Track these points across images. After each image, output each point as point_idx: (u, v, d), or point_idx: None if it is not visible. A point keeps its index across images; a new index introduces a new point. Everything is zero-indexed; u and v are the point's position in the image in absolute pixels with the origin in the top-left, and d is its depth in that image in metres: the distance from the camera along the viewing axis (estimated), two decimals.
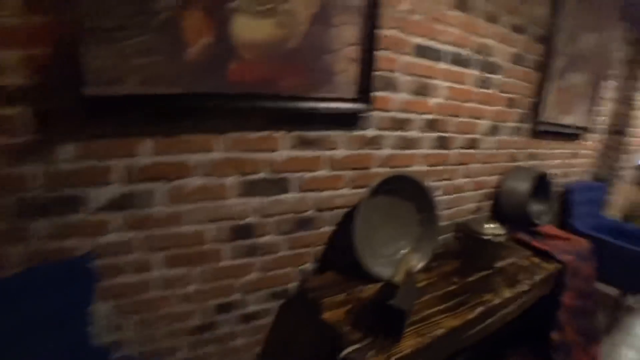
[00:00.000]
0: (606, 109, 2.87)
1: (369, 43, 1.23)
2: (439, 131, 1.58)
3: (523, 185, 1.91)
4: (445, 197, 1.73)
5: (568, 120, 2.38)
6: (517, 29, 1.81)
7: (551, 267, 1.73)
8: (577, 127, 2.53)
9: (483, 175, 1.91)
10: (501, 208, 2.03)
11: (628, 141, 2.88)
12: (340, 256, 1.37)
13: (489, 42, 1.67)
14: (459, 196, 1.81)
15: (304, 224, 1.30)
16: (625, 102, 2.84)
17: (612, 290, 2.67)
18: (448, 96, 1.56)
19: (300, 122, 1.19)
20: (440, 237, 1.76)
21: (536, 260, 1.77)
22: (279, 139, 1.17)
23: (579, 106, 2.46)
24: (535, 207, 2.14)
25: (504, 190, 1.99)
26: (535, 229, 2.02)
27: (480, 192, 1.94)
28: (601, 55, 2.51)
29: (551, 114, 2.17)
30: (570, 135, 2.52)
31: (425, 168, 1.58)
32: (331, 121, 1.24)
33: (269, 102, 1.10)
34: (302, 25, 1.12)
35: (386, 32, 1.28)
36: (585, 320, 1.95)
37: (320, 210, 1.32)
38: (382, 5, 1.22)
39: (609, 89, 2.81)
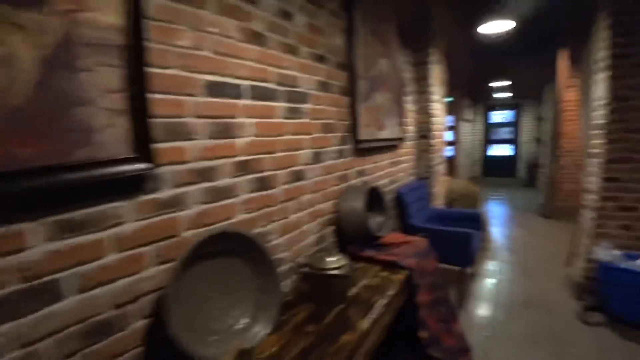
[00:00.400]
0: (412, 119, 3.32)
1: (140, 87, 1.00)
2: (255, 172, 1.45)
3: (358, 204, 1.95)
4: (281, 238, 1.61)
5: (384, 134, 2.62)
6: (319, 59, 1.86)
7: (400, 276, 1.79)
8: (393, 139, 2.82)
9: (317, 204, 1.87)
10: (344, 230, 2.04)
11: (433, 143, 3.38)
12: (168, 350, 1.07)
13: (292, 72, 1.66)
14: (297, 233, 1.72)
15: (100, 331, 0.96)
16: (423, 112, 3.33)
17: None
18: (258, 133, 1.45)
19: (57, 202, 0.87)
20: (287, 281, 1.63)
21: (385, 274, 1.80)
22: (27, 232, 0.82)
23: (390, 121, 2.74)
24: (375, 220, 2.23)
25: (342, 212, 2.00)
26: (379, 242, 2.09)
27: (319, 221, 1.90)
28: (396, 76, 2.88)
29: (368, 132, 2.33)
30: (389, 147, 2.79)
31: (249, 215, 1.42)
32: (105, 191, 0.96)
33: None
34: (30, 74, 0.82)
35: (164, 72, 1.08)
36: (441, 308, 2.08)
37: (120, 306, 1.00)
38: (152, 40, 1.02)
39: (409, 103, 3.27)
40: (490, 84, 8.29)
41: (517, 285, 3.16)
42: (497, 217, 5.69)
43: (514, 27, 3.79)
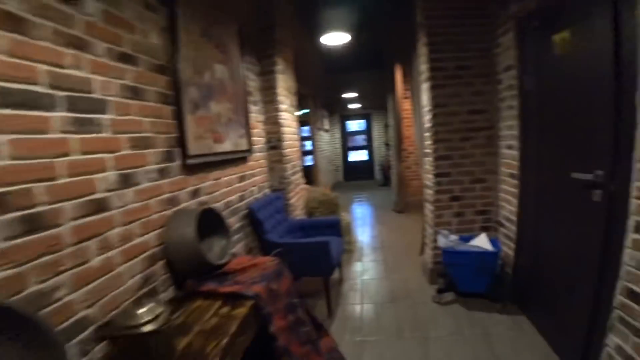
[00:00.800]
0: (260, 130, 3.17)
1: None
2: (18, 209, 1.03)
3: (188, 230, 1.66)
4: (77, 292, 1.20)
5: (226, 147, 2.38)
6: (124, 58, 1.51)
7: (244, 309, 1.55)
8: (239, 151, 2.61)
9: (136, 237, 1.51)
10: (175, 264, 1.71)
11: (285, 153, 3.29)
12: None
13: (80, 73, 1.28)
14: (106, 279, 1.33)
15: None
16: (272, 122, 3.22)
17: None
18: (16, 154, 1.04)
19: None
20: (94, 350, 1.23)
21: (226, 309, 1.54)
22: None
23: (233, 132, 2.51)
24: (219, 245, 1.96)
25: (171, 243, 1.68)
26: (222, 271, 1.83)
27: (141, 258, 1.54)
28: (238, 84, 2.68)
29: (202, 145, 2.06)
30: (235, 160, 2.57)
31: (13, 271, 0.99)
32: None
33: None
34: None
35: None
36: (303, 328, 1.93)
37: None
38: None
39: (256, 113, 3.11)
40: (343, 95, 8.93)
41: (382, 282, 3.31)
42: (359, 217, 6.04)
43: (355, 43, 4.10)
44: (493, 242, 2.79)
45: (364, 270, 3.62)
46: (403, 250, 4.15)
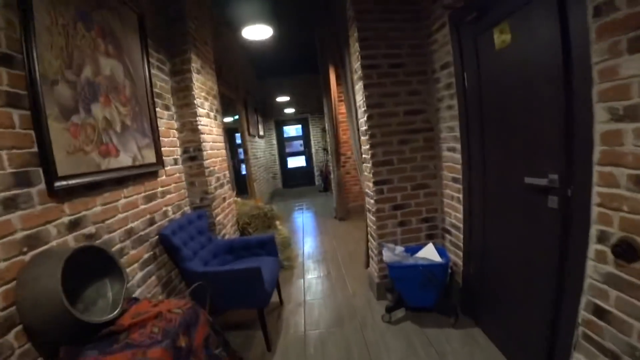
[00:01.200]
0: (174, 138, 2.69)
1: None
2: None
3: (51, 282, 1.17)
4: None
5: (122, 161, 1.89)
6: None
7: None
8: (144, 165, 2.12)
9: None
10: (37, 331, 1.22)
11: (207, 164, 2.84)
12: None
13: None
14: None
15: None
16: (189, 129, 2.75)
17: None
18: None
19: None
20: None
21: None
22: None
23: (132, 142, 2.03)
24: (106, 293, 1.48)
25: (26, 302, 1.18)
26: (111, 329, 1.36)
27: None
28: (138, 84, 2.20)
29: (80, 161, 1.56)
30: (139, 176, 2.08)
31: None
32: None
33: None
34: None
35: None
36: None
37: None
38: None
39: (169, 118, 2.63)
40: (277, 99, 8.57)
41: (327, 302, 2.98)
42: (300, 227, 5.69)
43: (285, 42, 3.77)
44: (441, 251, 2.61)
45: (307, 289, 3.28)
46: (347, 261, 3.88)
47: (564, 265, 1.55)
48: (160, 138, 2.40)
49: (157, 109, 2.45)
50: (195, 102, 2.74)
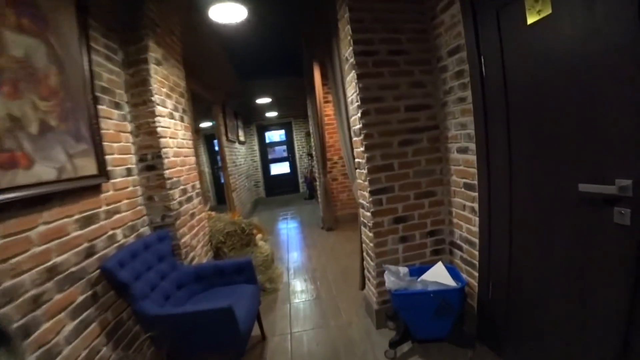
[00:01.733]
0: (128, 143, 2.19)
1: None
2: None
3: None
4: None
5: (39, 173, 1.39)
6: None
7: None
8: (77, 179, 1.62)
9: None
10: None
11: (169, 174, 2.34)
12: None
13: None
14: None
15: None
16: (146, 132, 2.26)
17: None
18: None
19: None
20: None
21: None
22: None
23: (58, 148, 1.53)
24: None
25: None
26: None
27: None
28: (76, 74, 1.71)
29: None
30: (69, 193, 1.58)
31: None
32: None
33: None
34: None
35: None
36: None
37: None
38: None
39: (119, 119, 2.14)
40: (258, 101, 8.10)
41: (318, 334, 2.50)
42: (285, 240, 5.21)
43: (266, 38, 3.32)
44: (452, 271, 2.18)
45: (293, 317, 2.80)
46: (339, 280, 3.42)
47: (636, 299, 1.14)
48: (106, 143, 1.91)
49: (103, 107, 1.95)
50: (153, 99, 2.25)
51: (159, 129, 2.26)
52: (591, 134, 1.28)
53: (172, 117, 2.53)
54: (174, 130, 2.52)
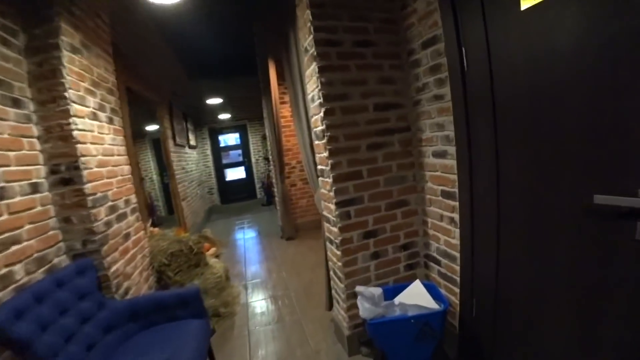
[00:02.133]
0: (32, 152, 1.72)
1: None
2: None
3: None
4: None
5: None
6: None
7: None
8: None
9: None
10: None
11: (90, 188, 1.89)
12: None
13: None
14: None
15: None
16: (58, 136, 1.80)
17: None
18: None
19: None
20: None
21: None
22: None
23: None
24: None
25: None
26: None
27: None
28: None
29: None
30: None
31: None
32: None
33: None
34: None
35: None
36: None
37: None
38: None
39: (20, 120, 1.67)
40: (209, 102, 7.57)
41: None
42: (241, 253, 4.78)
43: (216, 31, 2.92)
44: (431, 289, 1.95)
45: (253, 347, 2.43)
46: (303, 298, 3.09)
47: None
48: None
49: None
50: (67, 95, 1.79)
51: (75, 133, 1.80)
52: (608, 137, 1.07)
53: (95, 118, 2.07)
54: (97, 135, 2.06)
